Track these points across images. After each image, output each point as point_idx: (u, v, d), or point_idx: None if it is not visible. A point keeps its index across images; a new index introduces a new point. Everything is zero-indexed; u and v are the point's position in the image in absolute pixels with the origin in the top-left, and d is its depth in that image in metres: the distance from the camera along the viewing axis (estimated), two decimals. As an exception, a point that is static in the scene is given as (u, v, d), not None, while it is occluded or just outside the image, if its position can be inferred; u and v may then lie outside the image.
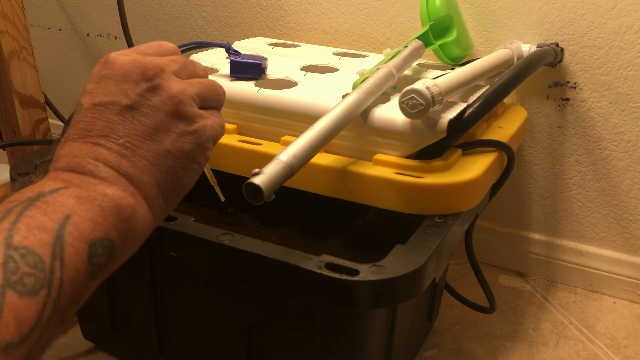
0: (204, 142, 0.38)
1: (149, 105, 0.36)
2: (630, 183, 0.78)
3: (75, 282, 0.30)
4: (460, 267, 0.86)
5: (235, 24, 0.98)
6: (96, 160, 0.34)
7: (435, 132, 0.52)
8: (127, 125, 0.35)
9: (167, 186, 0.37)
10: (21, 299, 0.26)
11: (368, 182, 0.52)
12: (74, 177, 0.33)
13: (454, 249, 0.53)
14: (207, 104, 0.40)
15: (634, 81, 0.73)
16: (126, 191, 0.34)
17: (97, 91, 0.36)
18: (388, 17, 0.84)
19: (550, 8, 0.74)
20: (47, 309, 0.28)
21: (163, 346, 0.61)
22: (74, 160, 0.34)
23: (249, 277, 0.47)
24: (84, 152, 0.34)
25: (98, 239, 0.32)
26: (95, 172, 0.34)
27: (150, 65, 0.37)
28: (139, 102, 0.36)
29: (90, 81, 0.37)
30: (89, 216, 0.31)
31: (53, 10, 1.16)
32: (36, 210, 0.30)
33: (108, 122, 0.35)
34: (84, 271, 0.31)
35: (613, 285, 0.82)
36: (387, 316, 0.53)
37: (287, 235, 0.64)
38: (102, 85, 0.36)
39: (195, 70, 0.40)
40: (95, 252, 0.31)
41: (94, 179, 0.33)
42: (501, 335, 0.73)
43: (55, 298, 0.28)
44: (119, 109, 0.35)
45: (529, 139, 0.81)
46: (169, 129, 0.36)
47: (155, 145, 0.36)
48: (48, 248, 0.29)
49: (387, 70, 0.57)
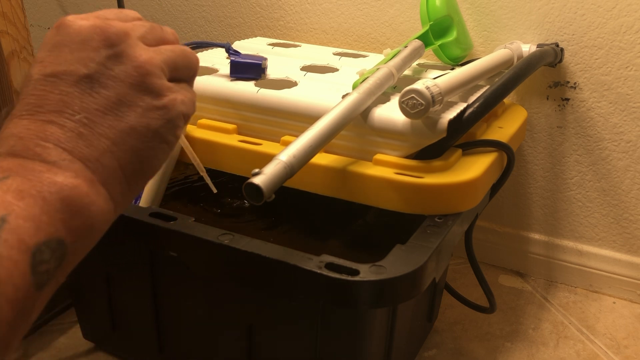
0: (173, 119, 0.33)
1: (111, 76, 0.31)
2: (630, 183, 0.78)
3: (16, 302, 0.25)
4: (460, 267, 0.86)
5: (235, 24, 0.98)
6: (46, 141, 0.29)
7: (435, 132, 0.52)
8: (85, 98, 0.30)
9: (131, 168, 0.32)
10: None
11: (368, 182, 0.52)
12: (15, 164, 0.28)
13: (454, 249, 0.53)
14: (178, 75, 0.35)
15: (634, 81, 0.73)
16: (80, 178, 0.29)
17: (50, 60, 0.31)
18: (388, 17, 0.84)
19: (550, 8, 0.74)
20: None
21: (163, 346, 0.61)
22: (18, 142, 0.29)
23: (249, 277, 0.47)
24: (31, 132, 0.29)
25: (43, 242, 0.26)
26: (43, 155, 0.28)
27: (112, 30, 0.32)
28: (99, 71, 0.31)
29: (41, 49, 0.32)
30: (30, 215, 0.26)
31: (53, 10, 1.16)
32: None
33: (62, 95, 0.30)
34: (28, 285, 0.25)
35: (613, 285, 0.82)
36: (387, 316, 0.53)
37: (287, 235, 0.64)
38: (56, 54, 0.31)
39: (164, 34, 0.35)
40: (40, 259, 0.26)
41: (40, 165, 0.28)
42: (501, 335, 0.73)
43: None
44: (76, 80, 0.30)
45: (529, 139, 0.81)
46: (133, 103, 0.31)
47: (117, 121, 0.31)
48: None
49: (387, 70, 0.57)
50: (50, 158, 0.28)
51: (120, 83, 0.31)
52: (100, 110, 0.30)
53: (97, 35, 0.31)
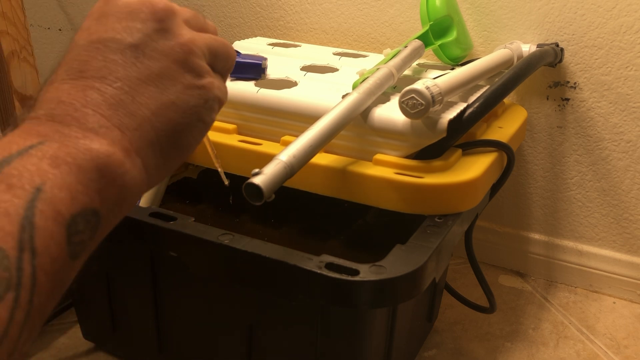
0: (210, 100, 0.34)
1: (156, 48, 0.31)
2: (630, 183, 0.78)
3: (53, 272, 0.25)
4: (460, 267, 0.86)
5: (235, 24, 0.98)
6: (85, 106, 0.28)
7: (435, 132, 0.52)
8: (129, 67, 0.30)
9: (169, 142, 0.32)
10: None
11: (368, 182, 0.52)
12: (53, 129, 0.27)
13: (454, 249, 0.53)
14: (216, 63, 0.35)
15: (634, 81, 0.73)
16: (116, 146, 0.28)
17: (96, 27, 0.31)
18: (388, 17, 0.84)
19: (550, 8, 0.74)
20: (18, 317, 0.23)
21: (163, 346, 0.61)
22: (58, 107, 0.28)
23: (249, 277, 0.47)
24: (72, 96, 0.29)
25: (78, 213, 0.26)
26: (81, 121, 0.28)
27: (161, 5, 0.32)
28: (144, 42, 0.31)
29: (88, 18, 0.32)
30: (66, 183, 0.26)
31: (53, 10, 1.16)
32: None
33: (107, 61, 0.30)
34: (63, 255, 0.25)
35: (613, 285, 0.82)
36: (387, 316, 0.53)
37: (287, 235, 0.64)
38: (103, 22, 0.31)
39: (206, 25, 0.36)
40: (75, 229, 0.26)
41: (77, 132, 0.28)
42: (501, 335, 0.73)
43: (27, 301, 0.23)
44: (121, 48, 0.30)
45: (529, 139, 0.81)
46: (175, 78, 0.32)
47: (159, 93, 0.31)
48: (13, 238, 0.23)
49: (387, 70, 0.57)
50: (88, 124, 0.28)
51: (165, 57, 0.31)
52: (143, 80, 0.30)
53: (146, 8, 0.32)
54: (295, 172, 0.43)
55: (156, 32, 0.31)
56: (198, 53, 0.33)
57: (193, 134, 0.33)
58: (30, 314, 0.24)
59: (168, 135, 0.31)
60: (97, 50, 0.30)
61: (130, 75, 0.30)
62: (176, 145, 0.32)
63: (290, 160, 0.43)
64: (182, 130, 0.32)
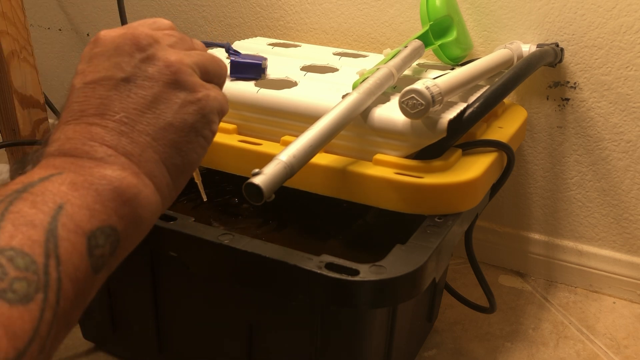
0: (208, 114, 0.35)
1: (146, 77, 0.33)
2: (630, 183, 0.78)
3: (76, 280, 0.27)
4: (460, 267, 0.86)
5: (235, 24, 0.98)
6: (91, 140, 0.31)
7: (435, 132, 0.52)
8: (124, 100, 0.32)
9: (173, 162, 0.34)
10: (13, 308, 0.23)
11: (368, 182, 0.52)
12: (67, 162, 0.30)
13: (454, 249, 0.53)
14: (209, 78, 0.37)
15: (634, 81, 0.73)
16: (127, 171, 0.31)
17: (89, 70, 0.34)
18: (388, 17, 0.84)
19: (550, 8, 0.74)
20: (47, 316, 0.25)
21: (163, 346, 0.61)
22: (67, 143, 0.31)
23: (249, 277, 0.47)
24: (78, 133, 0.31)
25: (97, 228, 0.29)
26: (91, 153, 0.31)
27: (142, 35, 0.34)
28: (134, 74, 0.33)
29: (81, 62, 0.35)
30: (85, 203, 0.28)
31: (53, 10, 1.16)
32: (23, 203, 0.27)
33: (102, 98, 0.32)
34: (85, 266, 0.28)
35: (613, 285, 0.82)
36: (387, 316, 0.53)
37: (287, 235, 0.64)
38: (94, 64, 0.34)
39: (193, 45, 0.38)
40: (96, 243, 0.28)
41: (89, 161, 0.30)
42: (501, 335, 0.73)
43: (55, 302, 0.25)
44: (114, 84, 0.33)
45: (529, 139, 0.81)
46: (169, 100, 0.34)
47: (155, 118, 0.33)
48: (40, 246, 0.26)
49: (387, 70, 0.57)
50: (97, 155, 0.31)
51: (155, 82, 0.33)
52: (139, 109, 0.33)
53: (129, 41, 0.34)
54: (295, 172, 0.43)
55: (143, 62, 0.34)
56: (187, 70, 0.35)
57: (195, 149, 0.35)
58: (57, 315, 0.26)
59: (171, 155, 0.34)
60: (92, 90, 0.33)
61: (127, 107, 0.32)
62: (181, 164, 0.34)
63: (290, 160, 0.43)
64: (184, 149, 0.34)
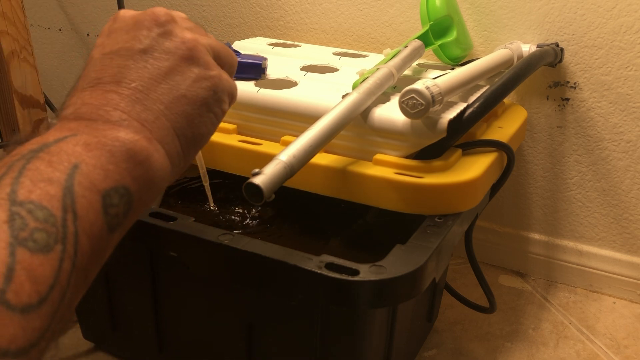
0: (219, 91, 0.37)
1: (163, 50, 0.35)
2: (630, 183, 0.78)
3: (92, 236, 0.28)
4: (460, 267, 0.86)
5: (235, 24, 0.98)
6: (107, 105, 0.32)
7: (435, 132, 0.52)
8: (140, 69, 0.34)
9: (183, 132, 0.35)
10: (34, 256, 0.25)
11: (368, 182, 0.52)
12: (81, 125, 0.31)
13: (454, 249, 0.53)
14: (221, 63, 0.38)
15: (634, 81, 0.73)
16: (140, 134, 0.32)
17: (107, 42, 0.35)
18: (388, 17, 0.84)
19: (550, 8, 0.74)
20: (65, 266, 0.26)
21: (163, 346, 0.61)
22: (82, 107, 0.32)
23: (249, 277, 0.47)
24: (93, 99, 0.33)
25: (112, 188, 0.30)
26: (105, 116, 0.32)
27: (161, 13, 0.36)
28: (152, 46, 0.35)
29: (100, 36, 0.36)
30: (99, 164, 0.29)
31: (53, 10, 1.16)
32: (40, 162, 0.28)
33: (120, 67, 0.34)
34: (101, 223, 0.29)
35: (613, 285, 0.82)
36: (387, 316, 0.53)
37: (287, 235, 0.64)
38: (113, 37, 0.35)
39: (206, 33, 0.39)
40: (110, 202, 0.29)
41: (104, 124, 0.31)
42: (501, 335, 0.73)
43: (73, 254, 0.27)
44: (132, 54, 0.34)
45: (529, 139, 0.81)
46: (184, 73, 0.35)
47: (169, 88, 0.34)
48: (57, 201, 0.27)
49: (387, 70, 0.57)
50: (111, 118, 0.32)
51: (172, 55, 0.35)
52: (154, 79, 0.34)
53: (149, 17, 0.35)
54: (295, 172, 0.43)
55: (161, 36, 0.35)
56: (202, 49, 0.36)
57: (205, 124, 0.36)
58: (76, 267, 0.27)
59: (183, 126, 0.35)
60: (110, 60, 0.34)
61: (143, 76, 0.34)
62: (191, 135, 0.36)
63: (290, 160, 0.43)
64: (195, 122, 0.35)
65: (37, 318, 0.24)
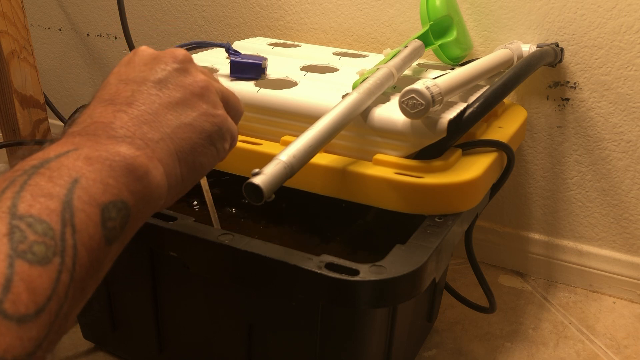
0: (223, 130, 0.38)
1: (177, 83, 0.37)
2: (630, 183, 0.78)
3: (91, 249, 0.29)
4: (460, 267, 0.86)
5: (235, 24, 0.98)
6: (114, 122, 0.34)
7: (435, 132, 0.52)
8: (152, 95, 0.36)
9: (185, 157, 0.36)
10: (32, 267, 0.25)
11: (368, 182, 0.52)
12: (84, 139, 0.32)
13: (454, 249, 0.53)
14: (228, 108, 0.40)
15: (634, 81, 0.73)
16: (140, 151, 0.33)
17: (125, 70, 0.37)
18: (388, 17, 0.84)
19: (550, 8, 0.74)
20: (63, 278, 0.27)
21: (163, 346, 0.61)
22: (91, 124, 0.33)
23: (249, 277, 0.47)
24: (103, 116, 0.34)
25: (110, 202, 0.30)
26: (110, 132, 0.33)
27: (181, 52, 0.38)
28: (167, 78, 0.37)
29: (118, 65, 0.38)
30: (99, 178, 0.30)
31: (53, 10, 1.16)
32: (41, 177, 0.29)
33: (134, 91, 0.35)
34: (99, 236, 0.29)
35: (613, 285, 0.82)
36: (387, 316, 0.53)
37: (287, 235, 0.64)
38: (131, 67, 0.37)
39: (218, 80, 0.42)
40: (108, 216, 0.30)
41: (107, 139, 0.32)
42: (501, 335, 0.73)
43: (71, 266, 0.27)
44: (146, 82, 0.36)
45: (529, 139, 0.81)
46: (193, 106, 0.37)
47: (178, 115, 0.36)
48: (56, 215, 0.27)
49: (387, 70, 0.57)
50: (116, 135, 0.33)
51: (184, 89, 0.37)
52: (164, 105, 0.36)
53: (168, 54, 0.38)
54: (295, 172, 0.43)
55: (177, 71, 0.37)
56: (213, 90, 0.38)
57: (207, 155, 0.38)
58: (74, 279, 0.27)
59: (185, 150, 0.36)
60: (125, 85, 0.36)
61: (154, 102, 0.36)
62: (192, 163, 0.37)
63: (290, 160, 0.43)
64: (197, 149, 0.37)
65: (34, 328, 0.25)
